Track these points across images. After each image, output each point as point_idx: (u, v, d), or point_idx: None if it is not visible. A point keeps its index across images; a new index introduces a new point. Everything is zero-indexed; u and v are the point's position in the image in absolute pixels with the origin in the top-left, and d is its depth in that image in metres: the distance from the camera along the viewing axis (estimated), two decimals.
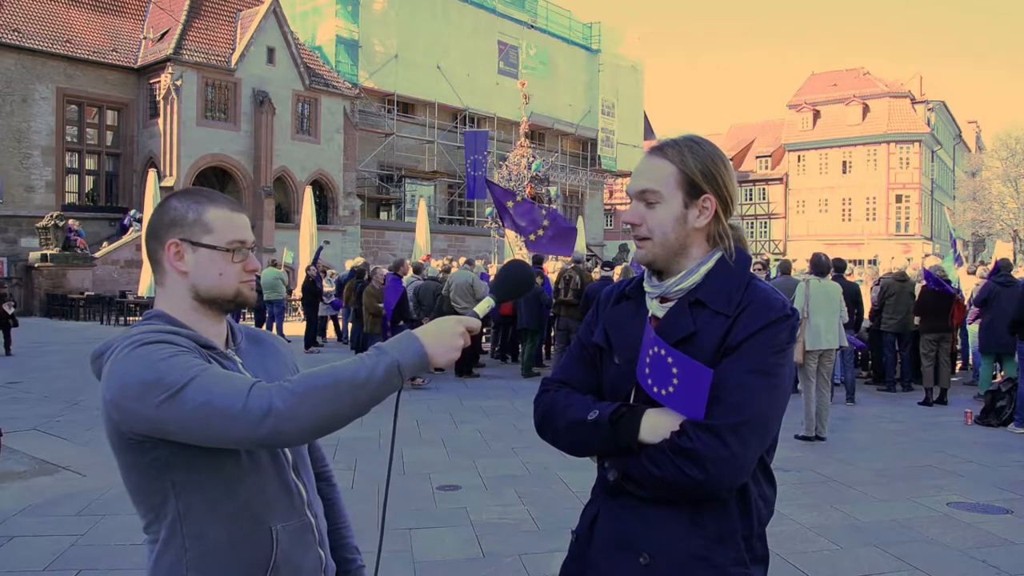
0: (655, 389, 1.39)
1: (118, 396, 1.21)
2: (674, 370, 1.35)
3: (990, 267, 10.21)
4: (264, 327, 14.08)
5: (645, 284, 1.53)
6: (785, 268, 10.48)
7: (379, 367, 1.20)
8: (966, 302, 10.59)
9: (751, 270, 1.48)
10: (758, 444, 1.35)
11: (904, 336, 10.05)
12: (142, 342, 1.24)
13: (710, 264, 1.46)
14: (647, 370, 1.41)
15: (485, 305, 1.41)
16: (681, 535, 1.38)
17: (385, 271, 11.20)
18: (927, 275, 9.69)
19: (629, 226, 1.50)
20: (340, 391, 1.17)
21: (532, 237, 12.50)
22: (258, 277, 12.49)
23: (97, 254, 23.74)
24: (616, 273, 10.94)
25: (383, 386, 1.20)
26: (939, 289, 9.36)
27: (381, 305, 10.53)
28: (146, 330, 1.30)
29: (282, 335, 9.98)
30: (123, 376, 1.21)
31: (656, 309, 1.48)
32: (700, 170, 1.44)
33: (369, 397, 1.20)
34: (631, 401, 1.47)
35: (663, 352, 1.37)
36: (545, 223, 12.24)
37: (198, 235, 1.37)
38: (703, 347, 1.38)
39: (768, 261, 12.54)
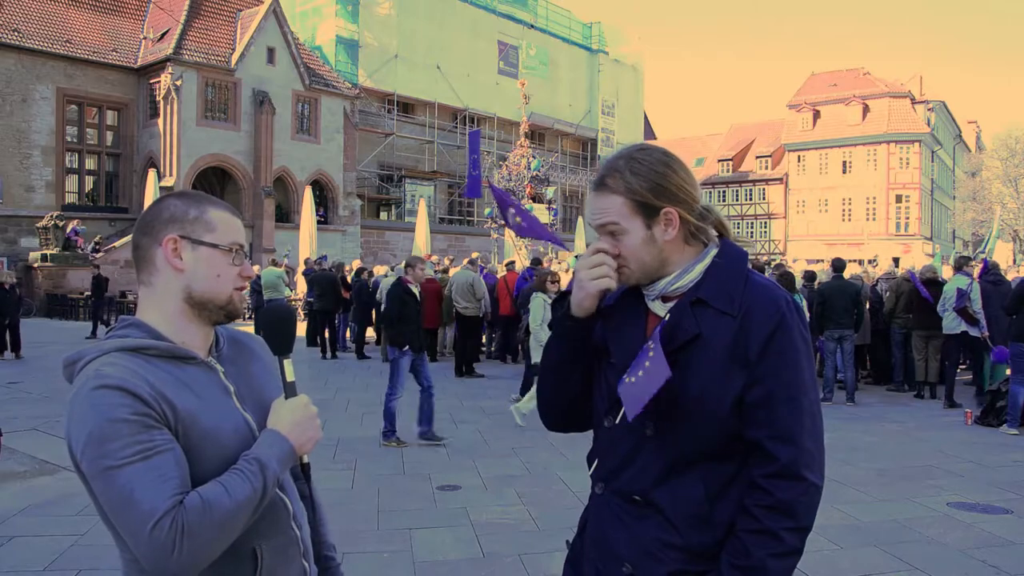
0: (624, 376, 1.39)
1: (69, 437, 1.21)
2: (647, 363, 1.34)
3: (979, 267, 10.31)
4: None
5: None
6: (810, 276, 10.57)
7: (268, 484, 1.26)
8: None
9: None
10: (821, 447, 1.38)
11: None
12: (107, 383, 1.20)
13: (706, 262, 1.42)
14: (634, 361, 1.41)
15: (289, 369, 1.40)
16: (662, 547, 1.37)
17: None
18: (911, 276, 9.99)
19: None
20: (238, 516, 1.22)
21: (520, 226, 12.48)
22: (258, 277, 12.34)
23: (97, 254, 23.74)
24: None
25: (266, 499, 1.27)
26: (924, 290, 9.63)
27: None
28: (118, 348, 1.27)
29: None
30: (78, 421, 1.20)
31: (658, 308, 1.46)
32: (648, 189, 1.39)
33: (255, 512, 1.26)
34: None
35: (650, 344, 1.36)
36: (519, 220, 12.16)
37: (199, 233, 1.35)
38: (712, 352, 1.35)
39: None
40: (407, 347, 6.87)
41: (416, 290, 7.18)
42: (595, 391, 1.55)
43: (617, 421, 1.45)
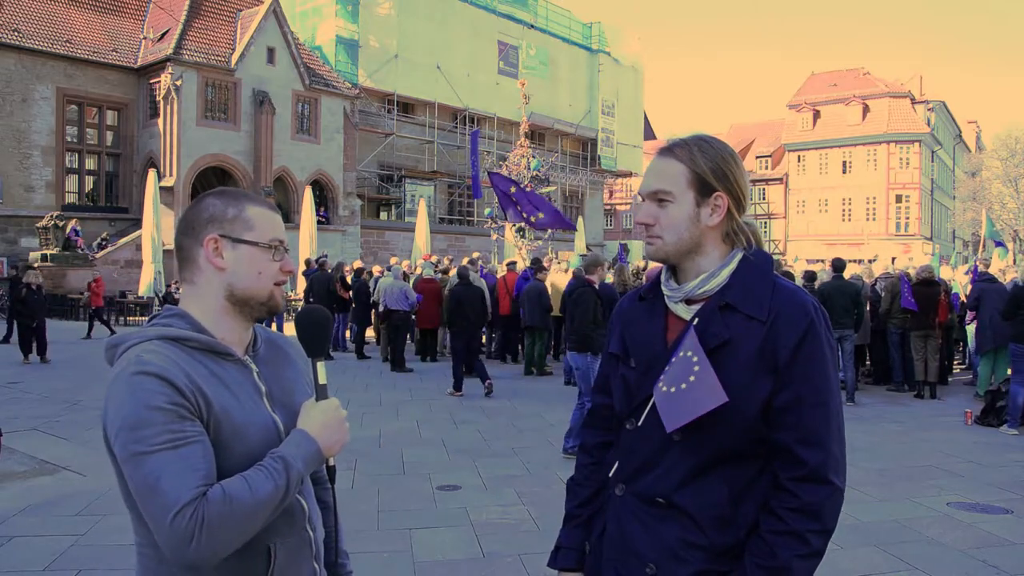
0: (659, 384, 1.38)
1: (105, 418, 1.25)
2: (692, 378, 1.33)
3: (969, 268, 10.34)
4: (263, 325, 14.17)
5: (663, 287, 1.49)
6: (810, 276, 10.68)
7: (291, 483, 1.27)
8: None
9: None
10: (845, 450, 1.41)
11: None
12: (147, 370, 1.23)
13: (732, 266, 1.42)
14: (667, 367, 1.39)
15: (322, 372, 1.41)
16: (686, 547, 1.37)
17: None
18: (902, 278, 10.05)
19: (642, 226, 1.48)
20: (258, 512, 1.23)
21: (534, 219, 12.66)
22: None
23: (98, 254, 23.75)
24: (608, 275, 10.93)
25: (288, 498, 1.28)
26: (906, 295, 9.67)
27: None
28: (160, 336, 1.30)
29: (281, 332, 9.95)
30: (116, 404, 1.23)
31: (682, 311, 1.45)
32: (711, 168, 1.42)
33: (276, 510, 1.27)
34: (648, 409, 1.43)
35: (695, 359, 1.34)
36: (540, 215, 12.35)
37: (239, 231, 1.37)
38: (741, 357, 1.35)
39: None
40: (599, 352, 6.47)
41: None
42: (615, 393, 1.55)
43: (640, 424, 1.45)
